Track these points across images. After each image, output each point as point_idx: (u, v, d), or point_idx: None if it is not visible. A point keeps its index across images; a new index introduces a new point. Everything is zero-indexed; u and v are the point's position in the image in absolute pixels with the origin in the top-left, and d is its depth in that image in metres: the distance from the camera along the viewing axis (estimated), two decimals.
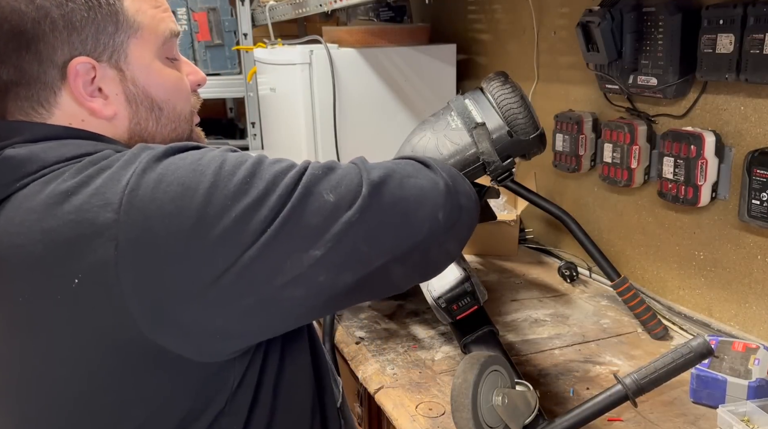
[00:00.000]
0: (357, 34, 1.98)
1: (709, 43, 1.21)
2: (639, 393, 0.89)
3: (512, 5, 1.90)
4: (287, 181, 0.67)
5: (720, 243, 1.32)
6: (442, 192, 0.78)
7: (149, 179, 0.64)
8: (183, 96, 0.83)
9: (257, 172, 0.67)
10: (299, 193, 0.67)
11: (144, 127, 0.79)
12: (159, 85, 0.79)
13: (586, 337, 1.36)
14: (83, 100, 0.74)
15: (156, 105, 0.79)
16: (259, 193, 0.65)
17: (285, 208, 0.66)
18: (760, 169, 1.16)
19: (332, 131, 1.88)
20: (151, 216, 0.63)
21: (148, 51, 0.77)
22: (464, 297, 1.10)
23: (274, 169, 0.68)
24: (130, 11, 0.76)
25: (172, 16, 0.82)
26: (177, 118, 0.82)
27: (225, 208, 0.64)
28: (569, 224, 1.38)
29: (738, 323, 1.31)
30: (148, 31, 0.77)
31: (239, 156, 0.69)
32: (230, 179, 0.65)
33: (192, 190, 0.64)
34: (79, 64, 0.73)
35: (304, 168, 0.70)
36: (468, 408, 0.86)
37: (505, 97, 1.32)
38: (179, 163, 0.66)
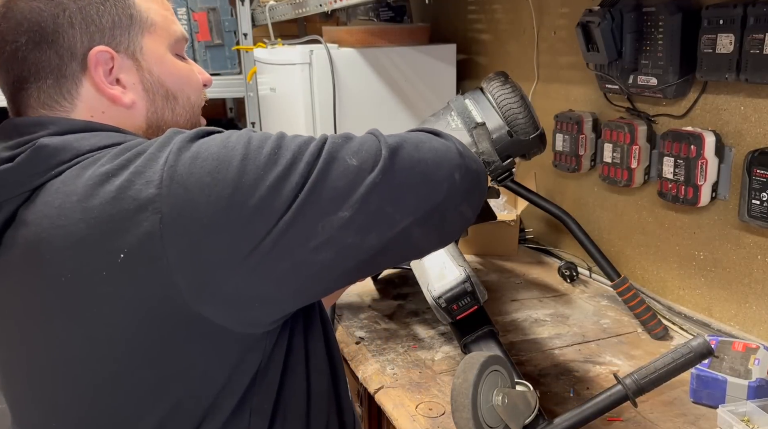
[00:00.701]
0: (357, 34, 1.98)
1: (709, 43, 1.21)
2: (639, 393, 0.89)
3: (512, 5, 1.90)
4: (312, 150, 0.70)
5: (720, 243, 1.32)
6: (456, 155, 0.80)
7: (185, 157, 0.67)
8: (195, 86, 0.86)
9: (282, 145, 0.70)
10: (324, 160, 0.70)
11: (161, 115, 0.82)
12: (173, 74, 0.82)
13: (586, 337, 1.36)
14: (104, 88, 0.77)
15: (171, 94, 0.82)
16: (287, 162, 0.68)
17: (312, 174, 0.69)
18: (760, 169, 1.16)
19: (332, 131, 1.88)
20: (191, 189, 0.65)
21: (161, 45, 0.81)
22: (464, 297, 1.10)
23: (297, 141, 0.71)
24: (143, 8, 0.80)
25: (178, 22, 0.87)
26: (191, 107, 0.86)
27: (258, 178, 0.66)
28: (569, 224, 1.38)
29: (738, 323, 1.31)
30: (160, 29, 0.81)
31: (263, 133, 0.72)
32: (259, 152, 0.68)
33: (226, 163, 0.66)
34: (98, 52, 0.76)
35: (324, 138, 0.73)
36: (468, 408, 0.86)
37: (505, 97, 1.32)
38: (210, 142, 0.69)
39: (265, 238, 0.66)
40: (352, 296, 1.58)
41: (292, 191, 0.67)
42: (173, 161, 0.66)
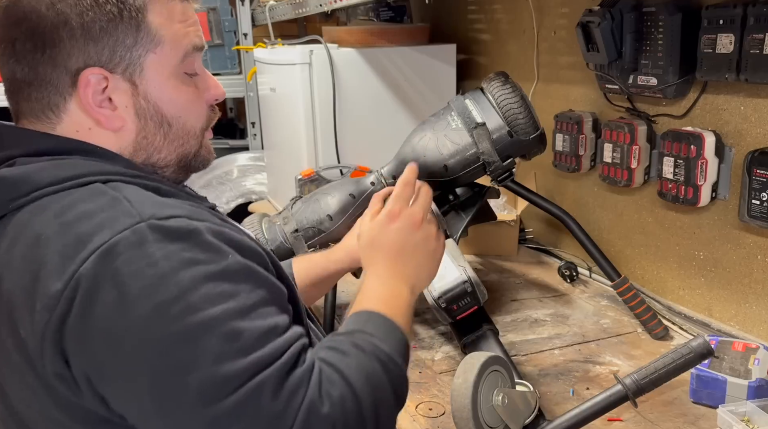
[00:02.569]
0: (357, 34, 1.98)
1: (709, 43, 1.21)
2: (639, 393, 0.89)
3: (512, 5, 1.90)
4: (206, 382, 0.63)
5: (720, 243, 1.32)
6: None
7: (104, 272, 0.64)
8: (195, 113, 0.82)
9: (191, 339, 0.63)
10: (209, 413, 0.63)
11: (150, 141, 0.79)
12: (171, 101, 0.78)
13: (586, 337, 1.36)
14: (90, 110, 0.75)
15: (166, 121, 0.79)
16: (175, 364, 0.63)
17: (180, 412, 0.63)
18: (760, 169, 1.16)
19: (332, 131, 1.88)
20: (80, 315, 0.64)
21: (165, 66, 0.77)
22: (464, 297, 1.10)
23: (209, 350, 0.63)
24: (154, 25, 0.75)
25: (198, 29, 0.81)
26: (186, 134, 0.81)
27: (139, 353, 0.63)
28: (569, 224, 1.38)
29: (738, 323, 1.31)
30: (168, 47, 0.77)
31: (207, 297, 0.65)
32: (164, 326, 0.63)
33: (125, 309, 0.63)
34: (91, 74, 0.73)
35: (240, 379, 0.64)
36: (468, 408, 0.86)
37: (505, 97, 1.32)
38: (140, 270, 0.64)
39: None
40: (352, 296, 1.58)
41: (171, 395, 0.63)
42: (90, 268, 0.63)
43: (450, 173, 1.33)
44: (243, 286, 0.67)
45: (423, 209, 0.94)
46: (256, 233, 1.37)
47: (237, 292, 0.67)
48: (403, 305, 0.86)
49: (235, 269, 0.68)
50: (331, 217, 1.34)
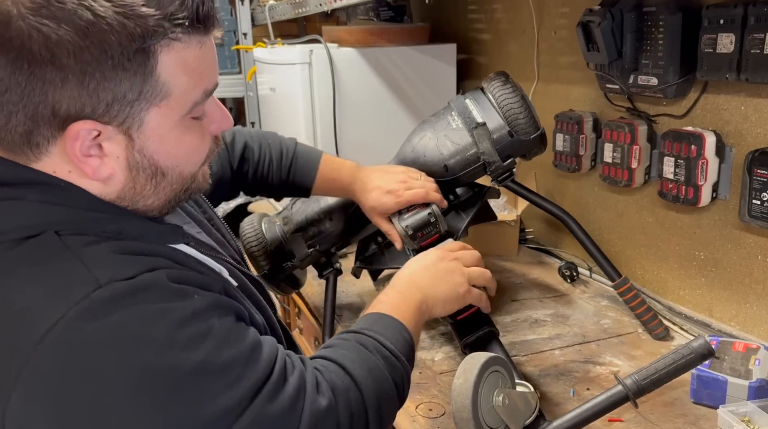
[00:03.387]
0: (357, 34, 1.98)
1: (710, 42, 1.21)
2: (639, 394, 0.88)
3: (512, 5, 1.90)
4: (209, 418, 0.63)
5: (720, 243, 1.32)
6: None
7: (70, 346, 0.60)
8: (194, 160, 0.76)
9: (184, 390, 0.62)
10: None
11: (139, 191, 0.73)
12: (170, 153, 0.72)
13: (587, 337, 1.36)
14: (77, 162, 0.67)
15: (159, 171, 0.72)
16: (174, 418, 0.62)
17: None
18: (760, 169, 1.16)
19: (332, 131, 1.88)
20: (51, 394, 0.59)
21: (169, 119, 0.69)
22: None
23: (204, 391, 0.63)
24: (163, 75, 0.66)
25: (213, 68, 0.72)
26: (180, 181, 0.75)
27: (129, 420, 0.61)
28: (569, 224, 1.37)
29: (738, 323, 1.31)
30: (176, 100, 0.68)
31: (186, 343, 0.63)
32: (144, 389, 0.61)
33: (100, 390, 0.60)
34: (82, 129, 0.65)
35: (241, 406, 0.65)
36: (468, 408, 0.86)
37: (505, 97, 1.32)
38: (97, 340, 0.60)
39: None
40: (352, 297, 1.58)
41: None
42: (51, 345, 0.58)
43: (450, 173, 1.33)
44: (213, 320, 0.67)
45: (466, 254, 1.05)
46: (257, 233, 1.37)
47: (210, 327, 0.66)
48: (414, 312, 0.92)
49: (202, 305, 0.67)
50: (331, 217, 1.34)
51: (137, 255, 0.67)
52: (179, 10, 0.65)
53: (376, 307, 0.90)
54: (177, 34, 0.65)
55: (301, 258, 1.33)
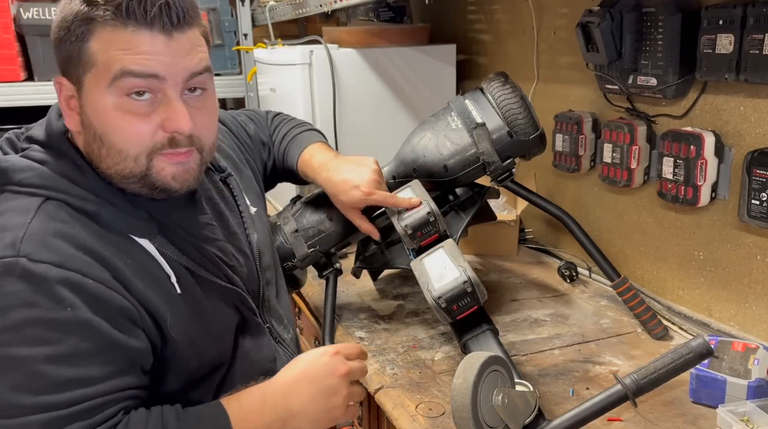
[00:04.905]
0: (357, 35, 1.98)
1: (709, 43, 1.22)
2: (639, 393, 0.89)
3: (512, 5, 1.90)
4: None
5: (719, 243, 1.33)
6: None
7: None
8: (126, 138, 0.87)
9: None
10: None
11: (91, 150, 0.90)
12: (101, 120, 0.87)
13: (586, 337, 1.36)
14: (63, 110, 0.91)
15: (98, 136, 0.88)
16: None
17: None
18: (759, 169, 1.16)
19: (332, 131, 1.88)
20: None
21: (98, 87, 0.86)
22: (464, 297, 1.10)
23: (6, 380, 0.78)
24: (92, 50, 0.85)
25: (158, 57, 0.85)
26: (118, 155, 0.88)
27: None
28: (569, 224, 1.38)
29: (737, 323, 1.31)
30: (100, 68, 0.85)
31: (27, 339, 0.78)
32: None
33: None
34: (59, 82, 0.90)
35: (20, 411, 0.78)
36: (468, 408, 0.86)
37: (505, 97, 1.32)
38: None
39: None
40: (352, 296, 1.58)
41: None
42: None
43: (450, 173, 1.33)
44: (69, 337, 0.79)
45: (356, 368, 0.99)
46: None
47: (60, 340, 0.79)
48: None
49: (67, 320, 0.79)
50: (331, 217, 1.34)
51: (73, 246, 0.82)
52: (116, 2, 0.84)
53: (232, 401, 0.91)
54: (110, 16, 0.84)
55: (301, 258, 1.34)
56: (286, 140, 1.35)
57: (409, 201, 1.23)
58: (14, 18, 2.09)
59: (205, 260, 0.98)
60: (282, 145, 1.35)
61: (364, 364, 1.02)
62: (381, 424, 1.28)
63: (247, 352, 1.04)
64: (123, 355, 0.84)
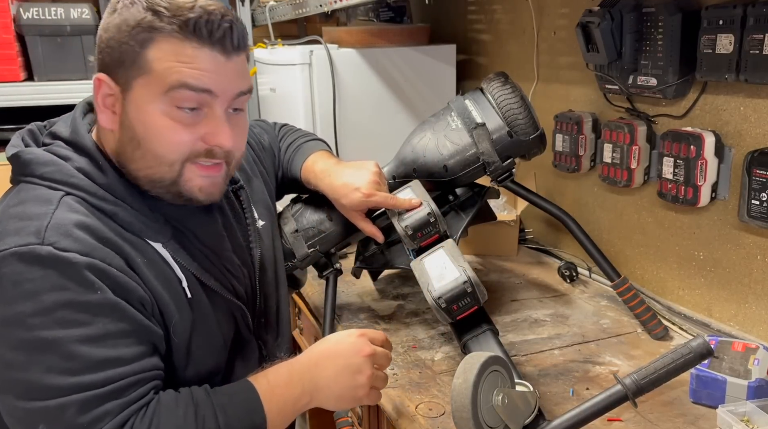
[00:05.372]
0: (357, 35, 1.98)
1: (709, 43, 1.22)
2: (639, 393, 0.89)
3: (512, 5, 1.90)
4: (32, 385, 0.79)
5: (720, 243, 1.33)
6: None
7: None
8: (167, 145, 0.90)
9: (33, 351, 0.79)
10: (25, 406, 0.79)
11: (123, 151, 0.91)
12: (143, 123, 0.89)
13: (586, 337, 1.36)
14: (98, 107, 0.91)
15: (136, 139, 0.90)
16: (11, 362, 0.80)
17: (7, 395, 0.80)
18: (759, 169, 1.16)
19: (332, 131, 1.89)
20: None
21: (149, 93, 0.88)
22: (464, 297, 1.10)
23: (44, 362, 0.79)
24: (150, 55, 0.87)
25: (215, 75, 0.88)
26: (154, 159, 0.90)
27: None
28: (569, 224, 1.38)
29: (738, 323, 1.31)
30: (155, 77, 0.87)
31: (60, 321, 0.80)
32: (15, 330, 0.79)
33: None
34: (101, 79, 0.89)
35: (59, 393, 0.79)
36: (468, 408, 0.86)
37: (505, 97, 1.32)
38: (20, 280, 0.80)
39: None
40: (352, 296, 1.58)
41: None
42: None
43: (450, 173, 1.33)
44: (100, 319, 0.81)
45: (381, 354, 1.01)
46: None
47: (91, 322, 0.81)
48: (288, 405, 0.93)
49: (97, 302, 0.82)
50: (331, 217, 1.34)
51: (93, 237, 0.84)
52: (184, 16, 0.86)
53: (260, 377, 0.93)
54: (174, 31, 0.86)
55: (301, 258, 1.34)
56: (291, 149, 1.36)
57: (410, 202, 1.23)
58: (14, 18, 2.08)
59: (215, 270, 1.00)
60: (287, 154, 1.36)
61: (388, 352, 1.03)
62: (381, 424, 1.28)
63: (234, 368, 1.04)
64: (149, 337, 0.87)
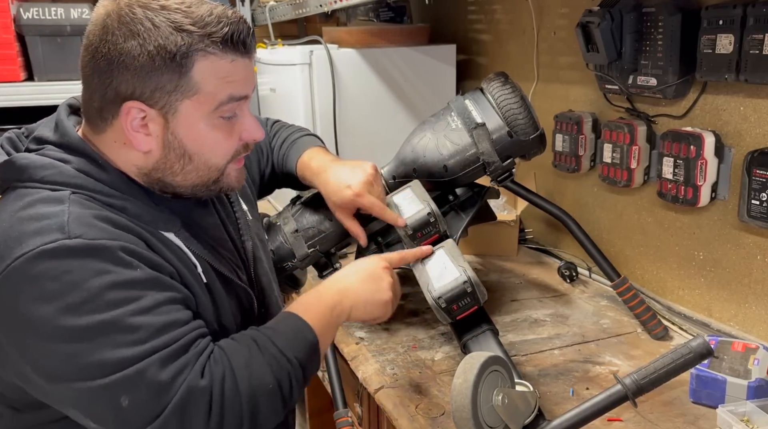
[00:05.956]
0: (357, 35, 1.98)
1: (709, 43, 1.22)
2: (639, 393, 0.89)
3: (512, 5, 1.90)
4: (105, 362, 0.79)
5: (719, 243, 1.33)
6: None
7: (30, 272, 0.79)
8: (220, 152, 0.93)
9: (95, 334, 0.79)
10: (102, 383, 0.79)
11: (168, 167, 0.92)
12: (196, 141, 0.90)
13: (586, 337, 1.36)
14: (127, 132, 0.89)
15: (187, 155, 0.91)
16: (79, 350, 0.79)
17: (84, 382, 0.79)
18: (759, 169, 1.16)
19: (332, 131, 1.89)
20: (7, 300, 0.80)
21: (199, 112, 0.88)
22: (464, 297, 1.10)
23: (109, 341, 0.79)
24: (196, 77, 0.86)
25: (245, 82, 0.91)
26: (206, 168, 0.93)
27: (49, 338, 0.79)
28: (569, 224, 1.38)
29: (737, 323, 1.31)
30: (204, 97, 0.88)
31: (111, 301, 0.80)
32: (72, 319, 0.79)
33: (44, 304, 0.79)
34: (133, 107, 0.87)
35: (132, 361, 0.80)
36: (468, 408, 0.86)
37: (505, 97, 1.32)
38: (58, 275, 0.79)
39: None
40: None
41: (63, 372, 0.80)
42: (19, 266, 0.79)
43: (450, 173, 1.33)
44: (147, 292, 0.83)
45: (394, 261, 1.10)
46: None
47: (140, 296, 0.82)
48: (326, 312, 0.98)
49: (140, 278, 0.83)
50: (331, 217, 1.34)
51: (113, 226, 0.85)
52: (217, 32, 0.86)
53: (292, 306, 0.98)
54: (212, 49, 0.86)
55: (301, 258, 1.34)
56: (286, 145, 1.35)
57: (395, 219, 1.22)
58: (14, 18, 2.09)
59: (221, 258, 1.01)
60: (282, 149, 1.36)
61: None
62: (381, 424, 1.28)
63: None
64: (190, 305, 0.90)
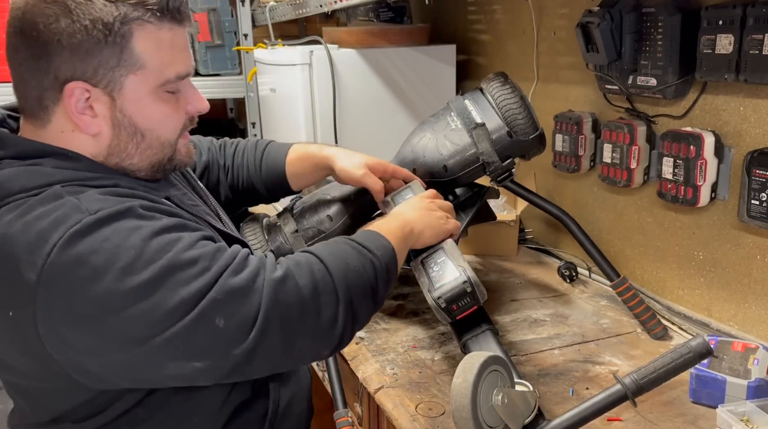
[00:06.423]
0: (357, 35, 1.98)
1: (709, 43, 1.22)
2: (638, 393, 0.89)
3: (512, 6, 1.90)
4: (185, 298, 0.79)
5: (719, 243, 1.33)
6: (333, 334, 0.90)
7: (69, 257, 0.76)
8: (170, 126, 0.92)
9: (163, 280, 0.78)
10: (192, 317, 0.79)
11: (123, 148, 0.89)
12: (145, 116, 0.88)
13: (586, 337, 1.37)
14: (72, 116, 0.85)
15: (139, 132, 0.89)
16: (156, 301, 0.78)
17: (175, 326, 0.78)
18: (759, 169, 1.16)
19: (332, 131, 1.89)
20: (62, 295, 0.77)
21: (144, 86, 0.86)
22: (464, 297, 1.10)
23: (179, 280, 0.79)
24: (137, 50, 0.84)
25: (187, 56, 0.89)
26: (159, 145, 0.91)
27: (123, 306, 0.77)
28: (569, 224, 1.38)
29: (737, 323, 1.32)
30: (149, 71, 0.85)
31: (159, 248, 0.79)
32: (135, 278, 0.77)
33: (100, 278, 0.76)
34: (75, 87, 0.83)
35: (209, 285, 0.80)
36: (468, 408, 0.86)
37: (504, 97, 1.32)
38: (99, 246, 0.77)
39: (116, 353, 0.80)
40: None
41: (151, 329, 0.78)
42: (56, 257, 0.76)
43: (449, 173, 1.34)
44: (183, 232, 0.83)
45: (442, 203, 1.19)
46: (257, 235, 1.37)
47: (180, 237, 0.82)
48: (397, 230, 1.03)
49: (171, 224, 0.83)
50: (331, 217, 1.34)
51: (120, 196, 0.84)
52: (152, 3, 0.83)
53: (361, 229, 1.03)
54: (148, 16, 0.83)
55: None
56: (259, 149, 1.34)
57: (408, 173, 1.30)
58: None
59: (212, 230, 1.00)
60: (255, 154, 1.33)
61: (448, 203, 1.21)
62: (381, 424, 1.28)
63: None
64: (217, 240, 0.90)
